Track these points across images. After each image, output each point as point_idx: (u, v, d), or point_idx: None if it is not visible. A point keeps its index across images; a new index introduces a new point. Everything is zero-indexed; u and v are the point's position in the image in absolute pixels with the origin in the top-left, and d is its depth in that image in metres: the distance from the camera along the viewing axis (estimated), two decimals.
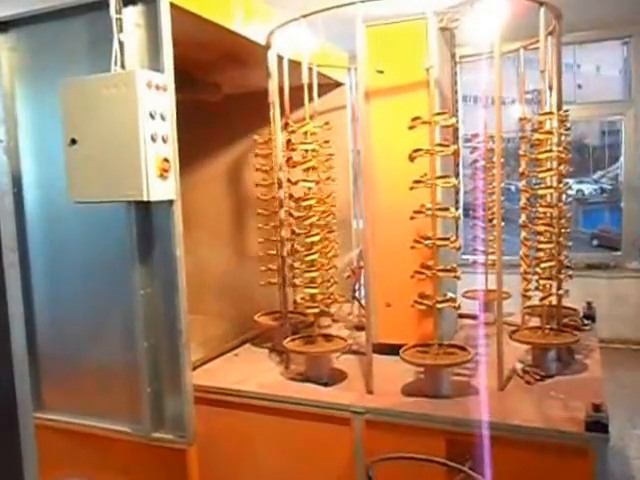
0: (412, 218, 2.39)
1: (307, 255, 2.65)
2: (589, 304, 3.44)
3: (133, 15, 2.24)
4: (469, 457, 2.17)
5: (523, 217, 2.84)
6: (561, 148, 2.62)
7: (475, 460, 2.16)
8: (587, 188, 12.25)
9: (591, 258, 6.82)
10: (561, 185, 2.64)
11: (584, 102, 7.92)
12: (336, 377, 2.71)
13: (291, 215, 2.75)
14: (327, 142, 2.84)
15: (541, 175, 2.62)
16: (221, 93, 3.61)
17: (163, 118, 2.18)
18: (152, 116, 2.13)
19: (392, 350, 2.64)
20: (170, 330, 2.34)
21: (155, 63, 2.23)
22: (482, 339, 3.12)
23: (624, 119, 6.60)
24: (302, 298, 2.71)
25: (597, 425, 2.05)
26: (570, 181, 2.86)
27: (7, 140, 2.56)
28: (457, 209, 2.52)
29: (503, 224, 2.56)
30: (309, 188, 2.65)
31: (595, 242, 10.49)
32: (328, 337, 2.80)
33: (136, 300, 2.35)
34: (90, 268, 2.50)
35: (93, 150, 2.18)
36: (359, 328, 3.53)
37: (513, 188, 5.91)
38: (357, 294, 3.52)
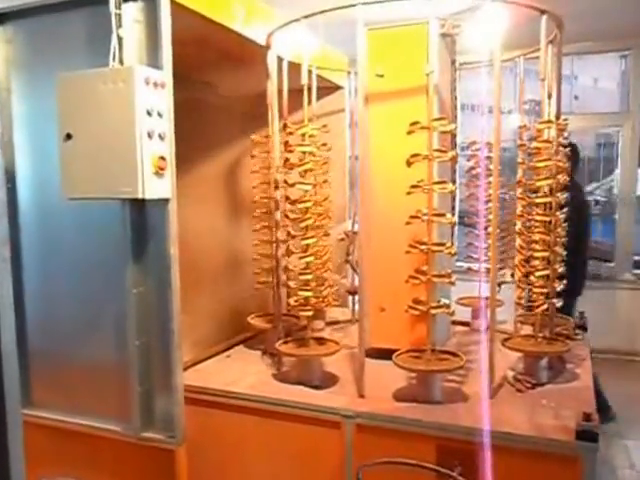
0: (408, 223, 2.38)
1: (302, 257, 2.64)
2: (581, 314, 3.46)
3: (132, 11, 2.22)
4: (459, 463, 2.17)
5: (519, 225, 2.84)
6: (559, 157, 2.62)
7: (465, 466, 2.15)
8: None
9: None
10: (558, 194, 2.64)
11: (581, 113, 7.95)
12: (328, 380, 2.70)
13: (287, 217, 2.74)
14: (325, 145, 2.84)
15: (538, 184, 2.62)
16: (219, 93, 3.60)
17: (160, 115, 2.17)
18: (149, 113, 2.11)
19: (385, 355, 2.63)
20: (162, 329, 2.33)
21: (154, 60, 2.21)
22: (475, 346, 3.12)
23: (621, 131, 6.63)
24: (296, 301, 2.69)
25: (587, 434, 2.06)
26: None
27: (1, 134, 2.55)
28: (453, 215, 2.51)
29: (498, 231, 2.56)
30: (306, 190, 2.64)
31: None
32: (321, 340, 2.79)
33: (129, 298, 2.33)
34: (83, 265, 2.49)
35: (88, 146, 2.16)
36: (352, 292, 3.53)
37: (507, 197, 5.91)
38: (350, 258, 3.52)
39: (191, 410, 2.43)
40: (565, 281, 2.68)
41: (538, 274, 2.60)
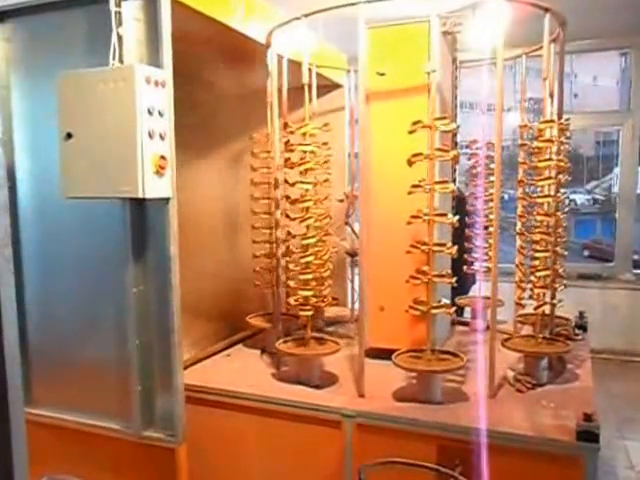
0: (409, 223, 2.38)
1: (302, 257, 2.63)
2: (581, 314, 3.45)
3: (132, 9, 2.20)
4: (459, 463, 2.17)
5: (519, 225, 2.84)
6: (561, 157, 2.62)
7: (465, 466, 2.15)
8: (580, 198, 12.34)
9: (584, 268, 6.83)
10: (559, 194, 2.64)
11: (581, 112, 7.93)
12: (327, 380, 2.70)
13: (287, 216, 2.73)
14: (326, 144, 2.83)
15: (540, 183, 2.61)
16: (219, 91, 3.59)
17: (161, 114, 2.16)
18: (150, 112, 2.10)
19: (384, 354, 2.63)
20: (162, 328, 2.32)
21: (154, 58, 2.20)
22: (475, 346, 3.12)
23: (621, 130, 6.61)
24: (296, 300, 2.69)
25: (588, 434, 2.06)
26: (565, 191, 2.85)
27: (2, 132, 2.53)
28: (453, 215, 2.50)
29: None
30: (306, 190, 2.64)
31: (586, 253, 10.54)
32: (320, 339, 2.78)
33: (129, 297, 2.32)
34: (83, 264, 2.48)
35: (89, 145, 2.15)
36: (351, 254, 3.52)
37: (506, 197, 5.92)
38: (350, 219, 3.52)
39: (191, 409, 2.42)
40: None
41: (538, 274, 2.60)
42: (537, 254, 2.61)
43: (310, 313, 2.67)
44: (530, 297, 2.70)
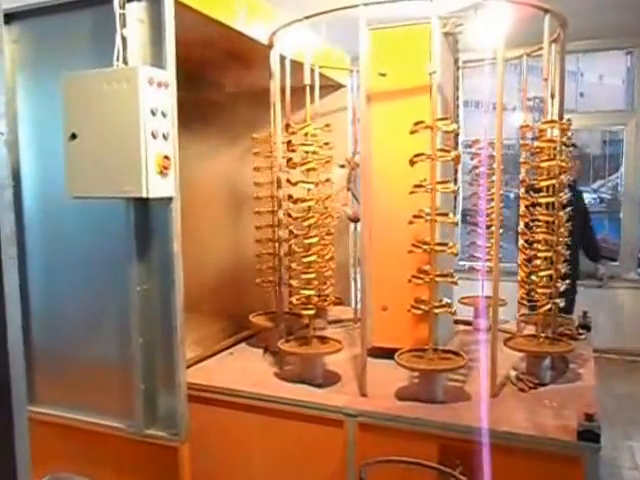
0: (411, 222, 2.38)
1: (304, 256, 2.64)
2: (585, 313, 3.44)
3: (137, 11, 2.24)
4: (460, 462, 2.17)
5: (521, 225, 2.84)
6: (562, 157, 2.62)
7: (467, 465, 2.16)
8: (586, 197, 12.26)
9: (588, 267, 6.79)
10: (561, 194, 2.64)
11: (586, 111, 7.90)
12: (330, 379, 2.70)
13: (290, 216, 2.74)
14: (327, 144, 2.84)
15: (542, 183, 2.61)
16: (222, 91, 3.61)
17: (164, 115, 2.18)
18: (153, 113, 2.12)
19: (387, 354, 2.64)
20: (166, 327, 2.34)
21: (157, 60, 2.23)
22: (477, 345, 3.12)
23: (626, 129, 6.60)
24: (298, 299, 2.70)
25: (589, 434, 2.05)
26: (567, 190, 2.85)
27: (7, 133, 2.55)
28: (455, 215, 2.50)
29: (501, 231, 2.56)
30: (308, 190, 2.65)
31: None
32: (323, 339, 2.79)
33: (132, 296, 2.35)
34: (87, 263, 2.50)
35: (93, 145, 2.18)
36: (354, 219, 3.54)
37: (512, 195, 5.92)
38: (351, 185, 3.52)
39: (194, 408, 2.44)
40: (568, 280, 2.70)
41: (541, 274, 2.60)
42: (539, 253, 2.61)
43: (312, 312, 2.68)
44: (532, 297, 2.71)
